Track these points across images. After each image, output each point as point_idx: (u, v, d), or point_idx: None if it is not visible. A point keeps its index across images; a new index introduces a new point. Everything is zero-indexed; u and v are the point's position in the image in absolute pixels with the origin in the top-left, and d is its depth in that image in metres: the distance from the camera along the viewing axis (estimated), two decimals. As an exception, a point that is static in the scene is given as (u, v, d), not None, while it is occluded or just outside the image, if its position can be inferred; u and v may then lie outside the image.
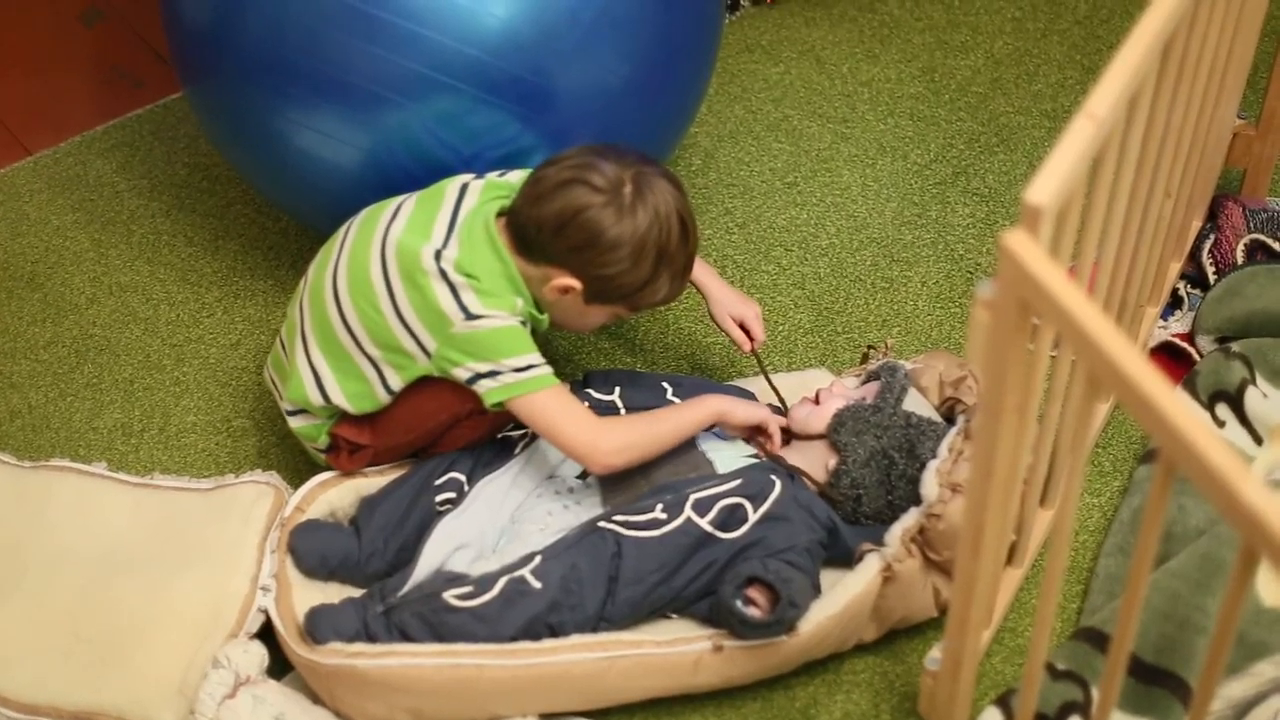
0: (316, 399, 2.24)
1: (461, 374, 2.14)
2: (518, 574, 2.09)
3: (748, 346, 2.40)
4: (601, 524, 2.14)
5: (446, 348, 2.13)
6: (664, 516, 2.14)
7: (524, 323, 2.16)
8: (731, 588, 2.09)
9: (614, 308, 2.22)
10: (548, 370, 2.15)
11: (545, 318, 2.22)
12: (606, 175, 2.12)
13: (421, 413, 2.23)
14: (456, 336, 2.12)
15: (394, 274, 2.16)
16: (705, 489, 2.17)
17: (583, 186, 2.11)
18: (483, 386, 2.14)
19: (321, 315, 2.23)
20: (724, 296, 2.41)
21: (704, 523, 2.14)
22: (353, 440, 2.27)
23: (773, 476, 2.19)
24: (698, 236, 2.21)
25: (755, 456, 2.27)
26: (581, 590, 2.10)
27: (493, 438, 2.30)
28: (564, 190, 2.12)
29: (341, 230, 2.29)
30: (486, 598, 2.08)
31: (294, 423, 2.31)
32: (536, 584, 2.09)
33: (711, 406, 2.26)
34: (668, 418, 2.24)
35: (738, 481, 2.18)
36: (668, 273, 2.18)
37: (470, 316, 2.11)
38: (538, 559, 2.11)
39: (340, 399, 2.23)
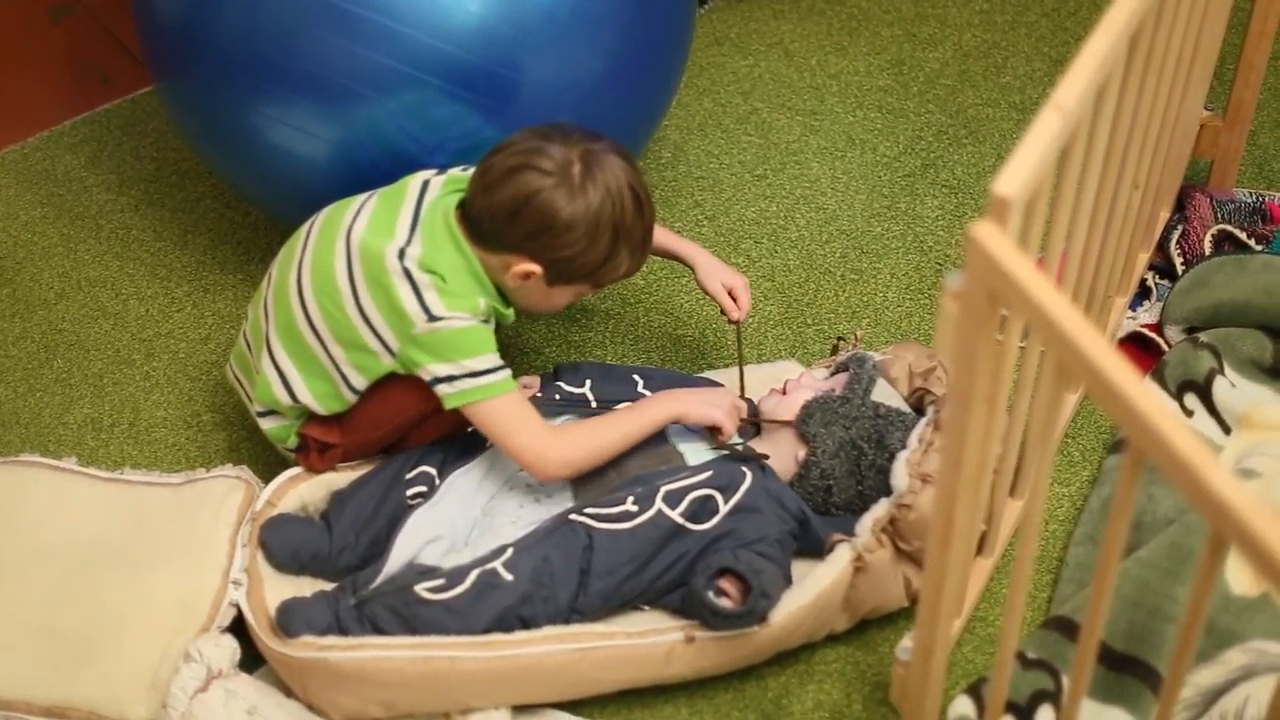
0: (284, 399, 2.24)
1: (424, 374, 2.14)
2: (489, 566, 2.09)
3: (735, 314, 2.40)
4: (573, 517, 2.14)
5: (409, 347, 2.13)
6: (635, 509, 2.14)
7: (486, 321, 2.16)
8: (703, 579, 2.09)
9: (578, 287, 2.22)
10: (506, 375, 2.14)
11: (510, 311, 2.21)
12: (554, 157, 2.11)
13: (389, 409, 2.22)
14: (418, 338, 2.12)
15: (359, 274, 2.15)
16: (676, 481, 2.17)
17: (531, 171, 2.11)
18: (441, 390, 2.14)
19: (286, 315, 2.23)
20: (713, 265, 2.41)
21: (675, 514, 2.14)
22: (321, 440, 2.26)
23: (743, 468, 2.19)
24: (653, 207, 2.21)
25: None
26: (553, 582, 2.10)
27: (463, 431, 2.30)
28: (513, 176, 2.11)
29: (304, 229, 2.28)
30: (458, 590, 2.08)
31: (264, 424, 2.30)
32: (508, 576, 2.09)
33: (665, 409, 2.24)
34: (619, 425, 2.22)
35: (708, 473, 2.18)
36: (626, 247, 2.18)
37: (432, 318, 2.11)
38: (509, 551, 2.11)
39: (308, 399, 2.23)
